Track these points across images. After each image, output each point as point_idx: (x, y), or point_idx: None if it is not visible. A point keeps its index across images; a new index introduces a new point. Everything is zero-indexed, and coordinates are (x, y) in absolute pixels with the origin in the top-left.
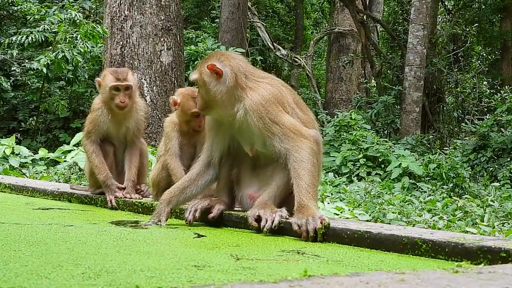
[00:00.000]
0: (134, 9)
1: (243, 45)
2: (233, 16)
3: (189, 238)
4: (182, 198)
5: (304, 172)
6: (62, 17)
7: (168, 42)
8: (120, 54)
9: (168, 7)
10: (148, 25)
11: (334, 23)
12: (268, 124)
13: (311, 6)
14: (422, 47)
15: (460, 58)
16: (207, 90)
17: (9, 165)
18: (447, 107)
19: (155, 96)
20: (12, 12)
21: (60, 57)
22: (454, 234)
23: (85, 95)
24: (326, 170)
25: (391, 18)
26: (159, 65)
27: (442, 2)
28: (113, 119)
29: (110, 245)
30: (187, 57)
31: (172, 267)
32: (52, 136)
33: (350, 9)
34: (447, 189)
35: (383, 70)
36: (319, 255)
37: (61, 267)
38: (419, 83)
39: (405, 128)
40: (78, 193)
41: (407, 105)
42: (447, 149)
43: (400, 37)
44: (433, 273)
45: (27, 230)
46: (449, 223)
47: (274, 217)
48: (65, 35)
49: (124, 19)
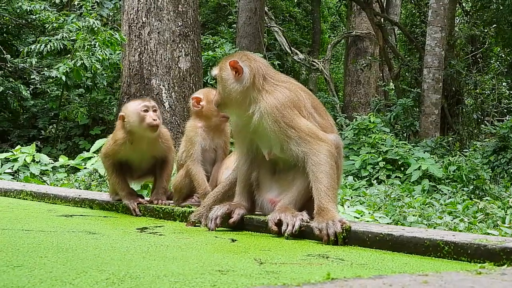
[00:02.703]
0: (152, 15)
1: (260, 50)
2: (250, 21)
3: (213, 243)
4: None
5: (323, 175)
6: (80, 25)
7: (186, 48)
8: (138, 61)
9: (185, 13)
10: (165, 31)
11: (352, 27)
12: (284, 128)
13: (328, 10)
14: (440, 49)
15: (478, 59)
16: (224, 86)
17: (30, 172)
18: (466, 108)
19: (173, 102)
20: (30, 21)
21: (79, 65)
22: (476, 236)
23: (104, 102)
24: (345, 174)
25: (409, 21)
26: (177, 71)
27: (459, 4)
28: (136, 149)
29: (134, 251)
30: (205, 62)
31: (196, 272)
32: (72, 144)
33: (367, 12)
34: (468, 191)
35: (401, 73)
36: (343, 259)
37: (85, 273)
38: (438, 85)
39: (424, 131)
40: (99, 200)
41: (426, 107)
42: (467, 151)
43: (418, 39)
44: (456, 274)
45: (53, 237)
46: (470, 225)
47: (295, 221)
48: (84, 42)
49: (141, 26)
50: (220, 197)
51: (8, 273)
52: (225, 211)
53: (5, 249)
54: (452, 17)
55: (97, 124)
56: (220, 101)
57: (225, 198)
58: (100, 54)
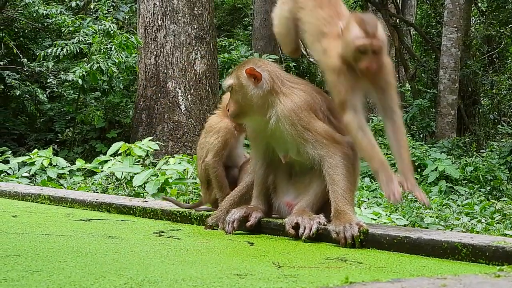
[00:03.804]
0: (168, 18)
1: (276, 51)
2: (266, 23)
3: (231, 247)
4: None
5: (339, 177)
6: (96, 28)
7: (202, 51)
8: (154, 64)
9: (201, 15)
10: (181, 34)
11: None
12: (301, 131)
13: None
14: (456, 50)
15: (494, 59)
16: (244, 94)
17: (47, 176)
18: (482, 109)
19: (189, 105)
20: (47, 25)
21: (95, 68)
22: (494, 238)
23: (120, 105)
24: (362, 175)
25: (424, 21)
26: (193, 74)
27: (475, 4)
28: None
29: (153, 255)
30: (221, 65)
31: (214, 276)
32: (88, 147)
33: (383, 13)
34: (485, 192)
35: (417, 74)
36: (362, 262)
37: (103, 277)
38: (454, 85)
39: (440, 131)
40: (116, 203)
41: (443, 108)
42: (484, 151)
43: (433, 40)
44: (475, 277)
45: (73, 242)
46: (488, 226)
47: (312, 225)
48: (100, 46)
49: (157, 29)
50: (237, 200)
51: (27, 278)
52: (242, 214)
53: (25, 253)
54: (467, 18)
55: (113, 127)
56: (239, 110)
57: (242, 201)
58: (116, 57)
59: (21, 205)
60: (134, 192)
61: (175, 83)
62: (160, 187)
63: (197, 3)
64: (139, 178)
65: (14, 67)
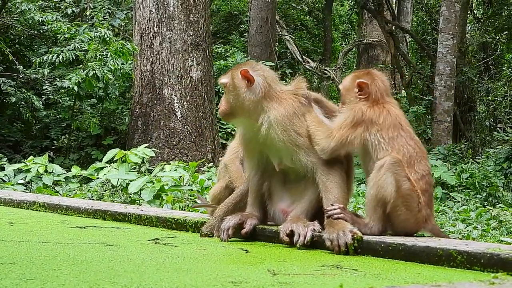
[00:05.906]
0: (163, 25)
1: (272, 58)
2: (262, 30)
3: (226, 254)
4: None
5: (332, 185)
6: (92, 35)
7: (198, 58)
8: (150, 71)
9: (197, 22)
10: (177, 41)
11: (363, 35)
12: (293, 137)
13: (339, 18)
14: (452, 56)
15: (490, 66)
16: (236, 94)
17: (42, 183)
18: (478, 116)
19: (185, 112)
20: (42, 32)
21: (91, 75)
22: (489, 245)
23: (116, 112)
24: (358, 182)
25: (420, 28)
26: (189, 81)
27: (471, 11)
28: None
29: (148, 262)
30: (217, 71)
31: (209, 283)
32: (84, 154)
33: (379, 20)
34: (481, 198)
35: (413, 80)
36: (357, 269)
37: (97, 285)
38: (450, 92)
39: (436, 138)
40: (112, 211)
41: (438, 114)
42: (480, 158)
43: (429, 46)
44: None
45: (70, 249)
46: (484, 233)
47: (307, 232)
48: (95, 53)
49: (153, 36)
50: (231, 207)
51: (20, 286)
52: (237, 222)
53: (20, 261)
54: (463, 24)
55: (109, 134)
56: (229, 110)
57: (236, 209)
58: (112, 64)
59: (17, 212)
60: (130, 199)
61: (171, 90)
62: (156, 194)
63: (193, 10)
64: (134, 185)
65: (9, 74)
